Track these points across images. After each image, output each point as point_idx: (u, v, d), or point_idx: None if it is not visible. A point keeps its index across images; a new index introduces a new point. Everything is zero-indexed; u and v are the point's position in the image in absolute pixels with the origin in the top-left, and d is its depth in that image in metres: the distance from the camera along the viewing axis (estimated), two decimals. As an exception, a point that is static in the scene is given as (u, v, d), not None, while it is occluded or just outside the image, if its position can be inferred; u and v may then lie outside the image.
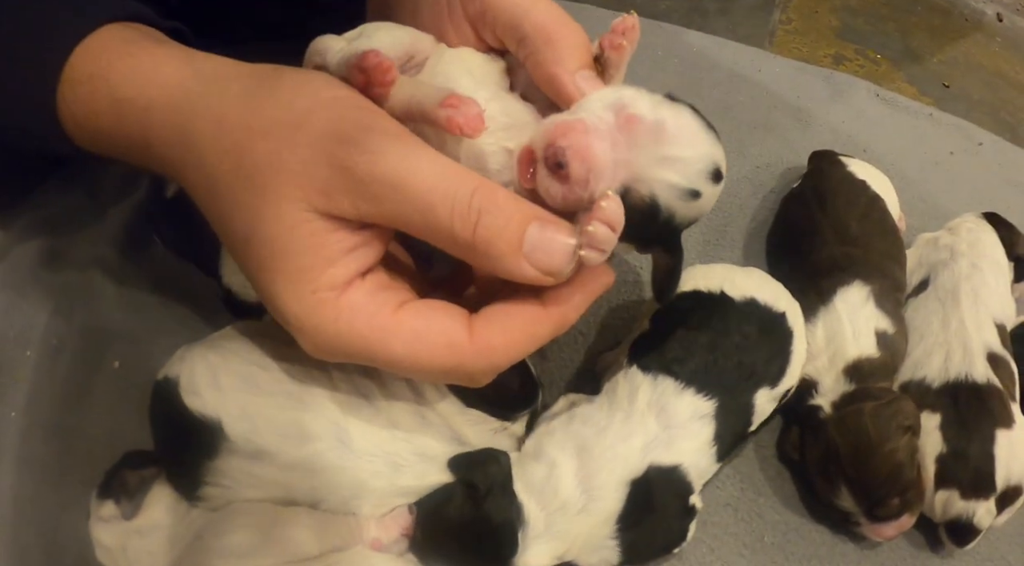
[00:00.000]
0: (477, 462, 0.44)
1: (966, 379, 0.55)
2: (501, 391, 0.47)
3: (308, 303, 0.33)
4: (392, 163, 0.32)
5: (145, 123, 0.36)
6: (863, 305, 0.55)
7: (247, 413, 0.43)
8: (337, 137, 0.33)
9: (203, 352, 0.45)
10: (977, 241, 0.64)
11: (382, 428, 0.44)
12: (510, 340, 0.35)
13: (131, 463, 0.47)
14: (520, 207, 0.33)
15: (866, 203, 0.62)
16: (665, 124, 0.34)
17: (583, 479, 0.44)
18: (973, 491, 0.52)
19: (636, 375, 0.48)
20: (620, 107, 0.34)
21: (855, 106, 0.84)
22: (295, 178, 0.33)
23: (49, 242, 0.59)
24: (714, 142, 0.36)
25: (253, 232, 0.34)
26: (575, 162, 0.33)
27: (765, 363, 0.49)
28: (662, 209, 0.35)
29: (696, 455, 0.46)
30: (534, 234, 0.32)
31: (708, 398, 0.47)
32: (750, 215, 0.70)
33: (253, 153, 0.33)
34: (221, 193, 0.35)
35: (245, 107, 0.34)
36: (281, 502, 0.44)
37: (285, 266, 0.33)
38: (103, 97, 0.36)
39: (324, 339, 0.34)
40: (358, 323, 0.34)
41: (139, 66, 0.36)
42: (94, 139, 0.39)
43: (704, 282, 0.50)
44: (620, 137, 0.34)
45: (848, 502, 0.51)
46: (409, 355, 0.34)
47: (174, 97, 0.35)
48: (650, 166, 0.34)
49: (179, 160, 0.36)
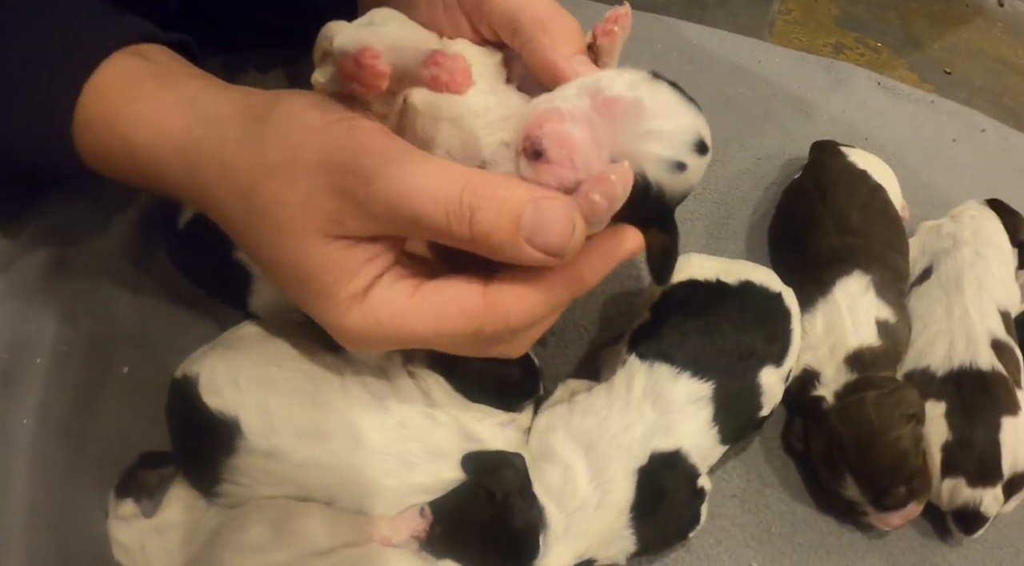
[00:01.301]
0: (492, 466, 0.45)
1: (970, 367, 0.55)
2: (503, 383, 0.48)
3: (338, 312, 0.36)
4: (385, 181, 0.33)
5: (157, 167, 0.38)
6: (863, 295, 0.56)
7: (264, 412, 0.44)
8: (330, 167, 0.34)
9: (223, 352, 0.47)
10: (980, 228, 0.64)
11: (394, 428, 0.45)
12: (524, 302, 0.35)
13: (149, 463, 0.48)
14: (512, 192, 0.33)
15: (867, 193, 0.62)
16: (643, 101, 0.34)
17: (594, 475, 0.45)
18: (979, 479, 0.52)
19: (633, 363, 0.48)
20: (596, 91, 0.34)
21: (856, 95, 0.83)
22: (303, 213, 0.34)
23: (55, 250, 0.60)
24: (695, 114, 0.36)
25: (277, 261, 0.36)
26: (553, 148, 0.33)
27: (766, 342, 0.50)
28: (651, 183, 0.34)
29: (695, 437, 0.47)
30: (530, 217, 0.33)
31: (704, 380, 0.47)
32: (752, 207, 0.70)
33: (260, 194, 0.35)
34: (240, 229, 0.37)
35: (245, 150, 0.36)
36: (296, 499, 0.45)
37: (312, 287, 0.36)
38: (115, 140, 0.39)
39: (358, 337, 0.37)
40: (382, 317, 0.36)
41: (145, 113, 0.38)
42: (110, 172, 0.41)
43: (700, 271, 0.51)
44: (599, 119, 0.34)
45: (854, 492, 0.51)
46: (432, 331, 0.36)
47: (182, 146, 0.37)
48: (633, 141, 0.34)
49: (195, 199, 0.39)
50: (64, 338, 0.56)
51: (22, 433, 0.52)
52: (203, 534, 0.45)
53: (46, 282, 0.59)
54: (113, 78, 0.39)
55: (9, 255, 0.59)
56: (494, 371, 0.47)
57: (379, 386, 0.47)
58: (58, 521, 0.49)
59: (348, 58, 0.34)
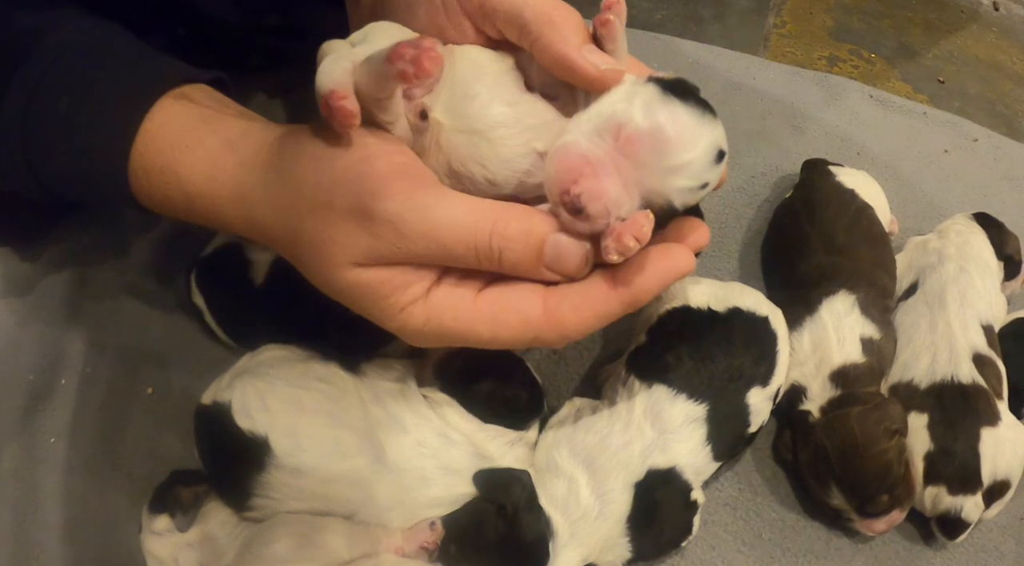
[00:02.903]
0: (502, 483, 0.49)
1: (952, 380, 0.57)
2: (512, 406, 0.51)
3: (400, 319, 0.39)
4: (412, 225, 0.36)
5: (214, 210, 0.42)
6: (848, 313, 0.58)
7: (292, 432, 0.48)
8: (360, 215, 0.37)
9: (251, 379, 0.50)
10: (965, 244, 0.66)
11: (411, 446, 0.49)
12: (580, 317, 0.38)
13: (183, 480, 0.52)
14: (535, 227, 0.37)
15: (854, 212, 0.64)
16: (663, 131, 0.36)
17: (595, 487, 0.49)
18: (960, 487, 0.55)
19: (634, 384, 0.52)
20: (615, 127, 0.36)
21: (849, 109, 0.85)
22: (343, 249, 0.37)
23: (76, 273, 0.63)
24: (712, 126, 0.37)
25: (333, 285, 0.39)
26: (592, 205, 0.35)
27: (753, 364, 0.53)
28: (679, 208, 0.38)
29: (690, 456, 0.50)
30: (551, 248, 0.37)
31: (699, 402, 0.51)
32: (746, 225, 0.72)
33: (304, 231, 0.39)
34: (296, 260, 0.41)
35: (286, 192, 0.39)
36: (321, 513, 0.49)
37: (369, 302, 0.39)
38: (175, 189, 0.42)
39: (421, 338, 0.40)
40: (445, 319, 0.39)
41: (199, 163, 0.41)
42: (169, 213, 0.44)
43: (692, 299, 0.54)
44: (622, 160, 0.36)
45: (839, 500, 0.54)
46: (492, 335, 0.39)
47: (234, 192, 0.41)
48: (660, 180, 0.36)
49: (255, 236, 0.42)
50: (89, 360, 0.60)
51: (50, 451, 0.56)
52: (234, 548, 0.48)
53: (69, 305, 0.62)
54: (165, 126, 0.42)
55: (31, 278, 0.62)
56: (503, 396, 0.51)
57: (397, 407, 0.50)
58: (90, 536, 0.53)
59: (321, 101, 0.36)
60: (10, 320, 0.60)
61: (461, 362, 0.52)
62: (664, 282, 0.38)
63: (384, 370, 0.53)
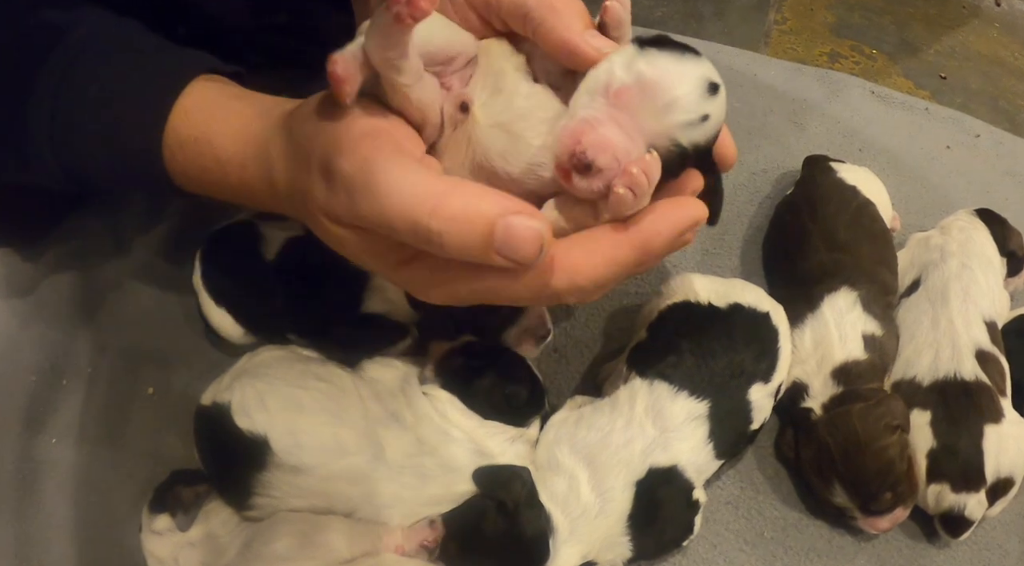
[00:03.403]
0: (503, 480, 0.49)
1: (955, 377, 0.57)
2: (512, 403, 0.51)
3: (397, 276, 0.38)
4: (360, 189, 0.35)
5: (243, 179, 0.42)
6: (850, 310, 0.58)
7: (291, 430, 0.48)
8: (324, 167, 0.36)
9: (250, 380, 0.51)
10: (968, 240, 0.66)
11: (411, 443, 0.49)
12: (591, 261, 0.36)
13: (184, 480, 0.52)
14: (479, 211, 0.34)
15: (855, 208, 0.64)
16: (646, 77, 0.36)
17: (595, 484, 0.48)
18: (963, 484, 0.55)
19: (635, 381, 0.52)
20: (605, 88, 0.36)
21: (850, 105, 0.85)
22: (315, 202, 0.37)
23: (77, 274, 0.63)
24: (695, 62, 0.37)
25: (323, 239, 0.39)
26: (599, 156, 0.35)
27: (754, 360, 0.53)
28: (687, 147, 0.36)
29: (692, 454, 0.50)
30: (500, 232, 0.33)
31: (700, 400, 0.50)
32: (747, 222, 0.72)
33: (295, 181, 0.39)
34: (297, 215, 0.40)
35: (292, 147, 0.39)
36: (322, 511, 0.49)
37: (359, 261, 0.39)
38: (208, 158, 0.42)
39: (428, 294, 0.39)
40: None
41: (231, 127, 0.42)
42: (201, 188, 0.45)
43: (693, 294, 0.54)
44: (619, 113, 0.36)
45: (842, 498, 0.54)
46: (499, 280, 0.37)
47: (259, 151, 0.41)
48: (657, 121, 0.36)
49: (271, 201, 0.42)
50: (89, 360, 0.60)
51: (52, 451, 0.56)
52: (235, 547, 0.48)
53: (70, 306, 0.62)
54: (199, 101, 0.43)
55: (32, 279, 0.62)
56: (503, 392, 0.51)
57: (396, 405, 0.50)
58: (91, 535, 0.53)
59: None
60: (12, 321, 0.60)
61: (462, 360, 0.52)
62: (675, 228, 0.37)
63: (384, 368, 0.53)
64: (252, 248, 0.56)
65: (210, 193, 0.45)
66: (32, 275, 0.62)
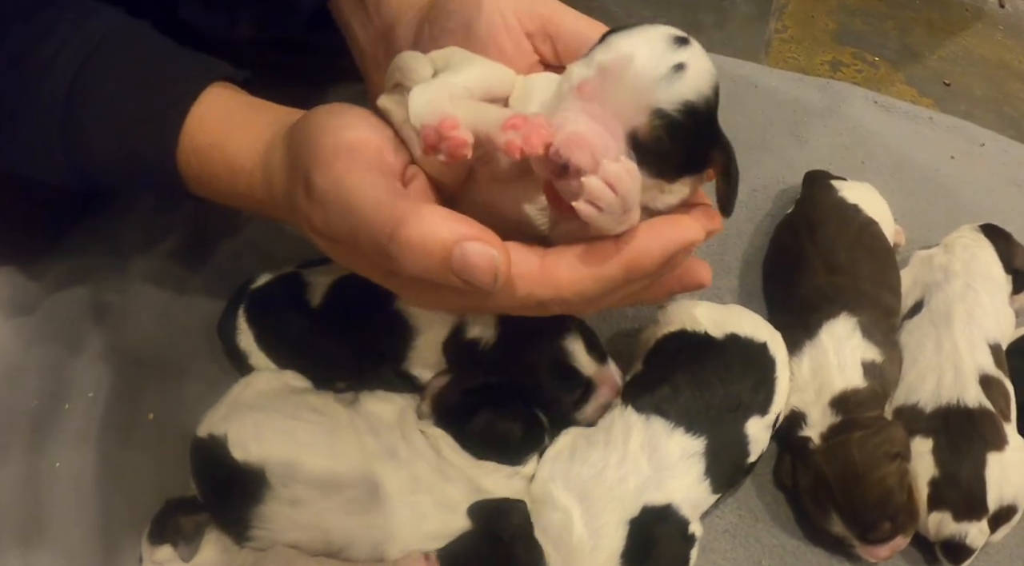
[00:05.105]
0: (498, 513, 0.48)
1: (958, 404, 0.56)
2: (507, 441, 0.51)
3: (389, 284, 0.39)
4: (332, 205, 0.36)
5: (251, 189, 0.43)
6: (849, 337, 0.57)
7: (288, 463, 0.48)
8: (305, 179, 0.37)
9: (247, 412, 0.50)
10: (972, 259, 0.64)
11: (407, 480, 0.49)
12: (576, 274, 0.36)
13: (183, 509, 0.51)
14: (435, 237, 0.33)
15: (857, 228, 0.63)
16: (605, 62, 0.33)
17: (588, 521, 0.48)
18: (965, 513, 0.54)
19: (631, 415, 0.51)
20: (569, 88, 0.34)
21: (853, 116, 0.84)
22: (302, 213, 0.38)
23: (79, 292, 0.63)
24: (652, 28, 0.34)
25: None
26: (574, 154, 0.31)
27: (751, 392, 0.52)
28: (674, 114, 0.33)
29: (687, 491, 0.49)
30: (457, 259, 0.33)
31: (697, 436, 0.50)
32: (747, 240, 0.71)
33: (290, 192, 0.40)
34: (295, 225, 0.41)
35: (288, 156, 0.40)
36: (320, 544, 0.48)
37: (354, 268, 0.40)
38: (220, 165, 0.43)
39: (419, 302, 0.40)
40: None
41: (245, 137, 0.43)
42: (211, 194, 0.45)
43: (689, 323, 0.53)
44: (589, 105, 0.33)
45: (840, 528, 0.53)
46: (479, 294, 0.36)
47: (265, 160, 0.42)
48: (629, 92, 0.33)
49: (274, 210, 0.43)
50: (92, 384, 0.60)
51: (54, 477, 0.56)
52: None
53: (72, 328, 0.62)
54: (214, 108, 0.44)
55: (36, 297, 0.62)
56: (497, 430, 0.51)
57: (393, 440, 0.50)
58: (92, 562, 0.53)
59: (428, 129, 0.33)
60: (16, 341, 0.60)
61: (458, 396, 0.51)
62: (665, 248, 0.36)
63: (382, 402, 0.53)
64: (298, 297, 0.55)
65: (218, 198, 0.45)
66: (36, 292, 0.62)
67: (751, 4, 1.01)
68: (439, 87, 0.36)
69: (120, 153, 0.45)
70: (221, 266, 0.66)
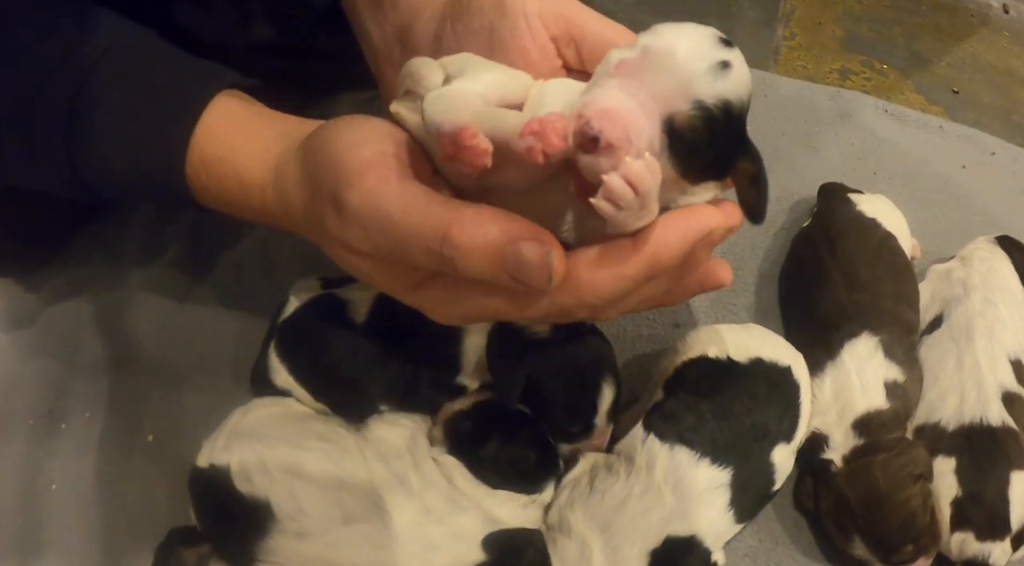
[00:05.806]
0: (516, 545, 0.47)
1: (980, 422, 0.55)
2: (520, 469, 0.49)
3: (412, 297, 0.39)
4: (371, 220, 0.35)
5: (263, 203, 0.42)
6: (871, 357, 0.56)
7: (293, 495, 0.47)
8: (334, 198, 0.36)
9: (249, 441, 0.49)
10: (990, 272, 0.64)
11: (418, 511, 0.47)
12: (596, 276, 0.35)
13: (185, 540, 0.50)
14: (488, 238, 0.33)
15: (877, 244, 0.62)
16: (649, 46, 0.33)
17: (609, 554, 0.47)
18: (989, 533, 0.53)
19: (653, 444, 0.49)
20: (609, 68, 0.33)
21: (863, 125, 0.83)
22: (332, 231, 0.37)
23: (76, 306, 0.62)
24: (700, 26, 0.34)
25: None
26: (607, 128, 0.31)
27: (777, 420, 0.51)
28: (713, 108, 0.32)
29: (712, 523, 0.48)
30: (511, 259, 0.33)
31: (723, 467, 0.48)
32: (762, 255, 0.70)
33: (310, 211, 0.39)
34: (316, 242, 0.41)
35: (306, 172, 0.40)
36: None
37: (381, 286, 0.40)
38: (230, 178, 0.43)
39: (439, 316, 0.39)
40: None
41: (254, 150, 0.42)
42: (221, 206, 0.45)
43: (712, 348, 0.52)
44: (627, 81, 0.32)
45: (862, 550, 0.53)
46: (507, 299, 0.37)
47: (277, 175, 0.41)
48: (671, 75, 0.32)
49: (287, 222, 0.42)
50: (90, 403, 0.58)
51: (52, 498, 0.55)
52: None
53: (68, 344, 0.61)
54: (222, 117, 0.43)
55: (33, 310, 0.61)
56: (510, 458, 0.49)
57: (402, 467, 0.49)
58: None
59: (445, 138, 0.33)
60: (13, 355, 0.59)
61: (470, 423, 0.50)
62: (686, 238, 0.35)
63: (391, 427, 0.51)
64: (340, 317, 0.53)
65: (229, 211, 0.44)
66: (33, 305, 0.61)
67: (758, 10, 1.00)
68: (454, 94, 0.35)
69: (126, 163, 0.44)
70: (222, 276, 0.65)
